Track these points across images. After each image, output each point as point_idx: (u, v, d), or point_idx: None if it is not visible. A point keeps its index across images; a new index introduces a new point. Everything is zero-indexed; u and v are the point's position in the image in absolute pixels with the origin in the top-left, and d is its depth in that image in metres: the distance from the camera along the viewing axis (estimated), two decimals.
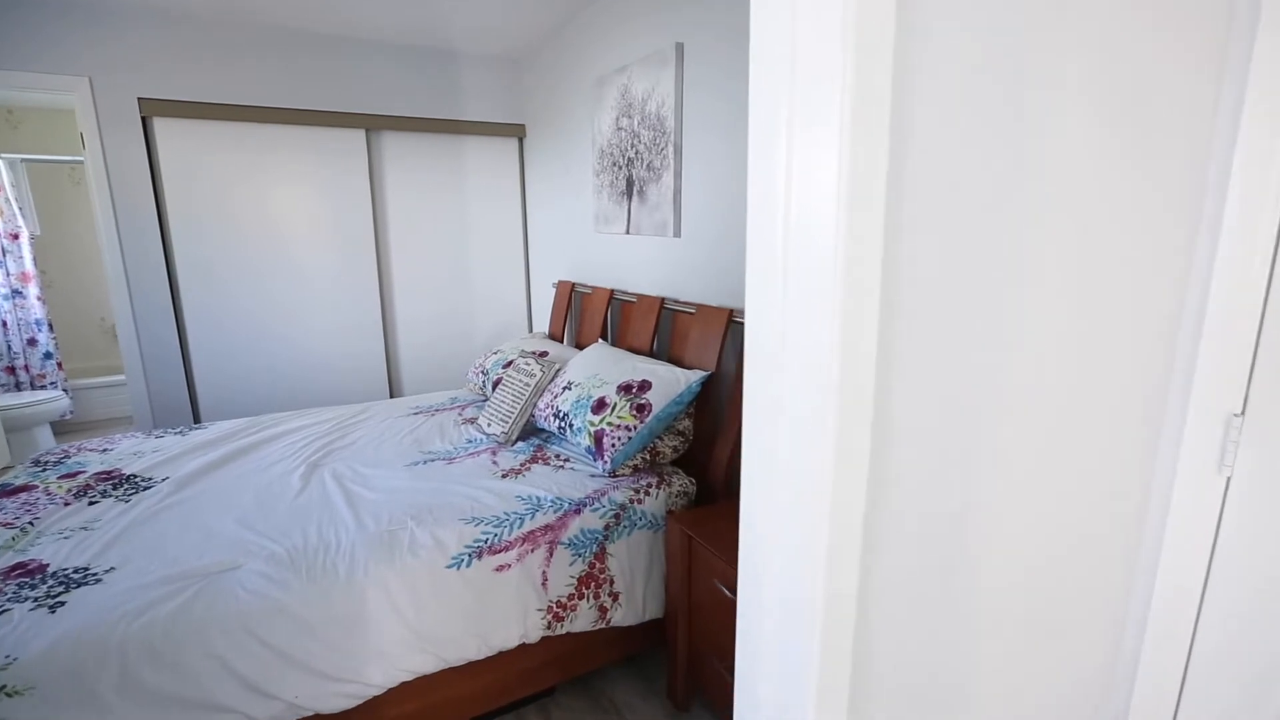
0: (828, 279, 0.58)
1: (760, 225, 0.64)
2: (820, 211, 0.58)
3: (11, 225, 4.00)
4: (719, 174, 2.06)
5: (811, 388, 0.60)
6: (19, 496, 1.84)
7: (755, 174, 0.64)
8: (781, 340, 0.63)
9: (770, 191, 0.63)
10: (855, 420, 0.60)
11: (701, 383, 2.00)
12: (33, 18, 2.49)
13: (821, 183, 0.58)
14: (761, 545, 0.68)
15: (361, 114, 3.08)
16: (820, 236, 0.58)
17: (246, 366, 3.07)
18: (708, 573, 1.63)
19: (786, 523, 0.64)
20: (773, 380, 0.64)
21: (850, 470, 0.61)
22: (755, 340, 0.67)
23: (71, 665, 1.21)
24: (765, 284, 0.64)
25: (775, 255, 0.63)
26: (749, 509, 0.70)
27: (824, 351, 0.59)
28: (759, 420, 0.68)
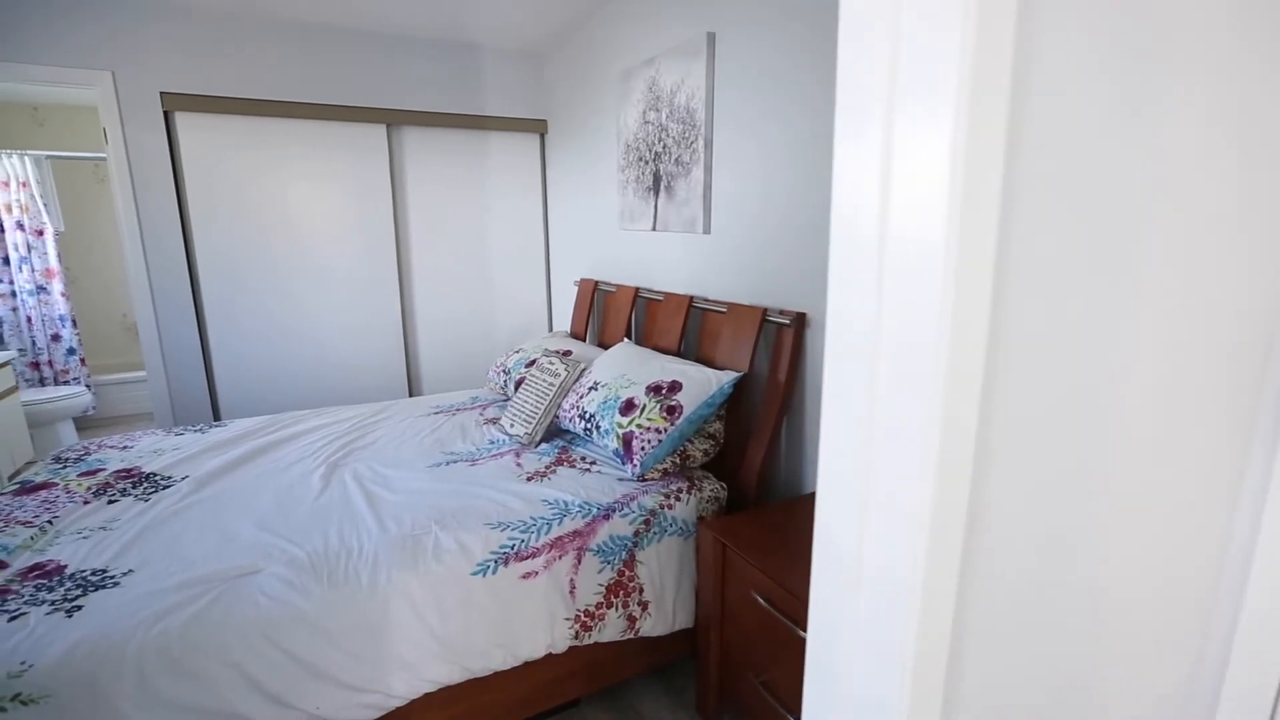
0: (935, 289, 0.51)
1: (849, 226, 0.57)
2: (928, 214, 0.51)
3: (36, 222, 4.03)
4: (752, 168, 1.98)
5: (911, 402, 0.53)
6: (39, 494, 1.81)
7: (843, 169, 0.57)
8: (874, 348, 0.56)
9: (863, 190, 0.55)
10: (958, 441, 0.53)
11: (734, 384, 1.92)
12: (56, 11, 2.47)
13: (930, 181, 0.51)
14: (842, 571, 0.61)
15: (383, 109, 3.04)
16: (928, 243, 0.51)
17: (266, 364, 3.04)
18: (743, 582, 1.55)
19: (878, 549, 0.57)
20: (863, 391, 0.57)
21: (951, 491, 0.53)
22: (841, 345, 0.59)
23: (88, 673, 1.16)
24: (856, 290, 0.57)
25: (868, 260, 0.56)
26: (827, 532, 0.63)
27: (928, 360, 0.52)
28: (841, 432, 0.60)
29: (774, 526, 1.64)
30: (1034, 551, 0.63)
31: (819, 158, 1.75)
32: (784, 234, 1.89)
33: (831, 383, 0.61)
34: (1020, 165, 0.53)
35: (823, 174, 1.74)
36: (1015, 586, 0.62)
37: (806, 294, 1.83)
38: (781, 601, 1.39)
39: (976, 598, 0.59)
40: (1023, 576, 0.63)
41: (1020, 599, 0.63)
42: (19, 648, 1.17)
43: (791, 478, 1.96)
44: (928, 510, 0.53)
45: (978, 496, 0.56)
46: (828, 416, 0.62)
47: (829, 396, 0.62)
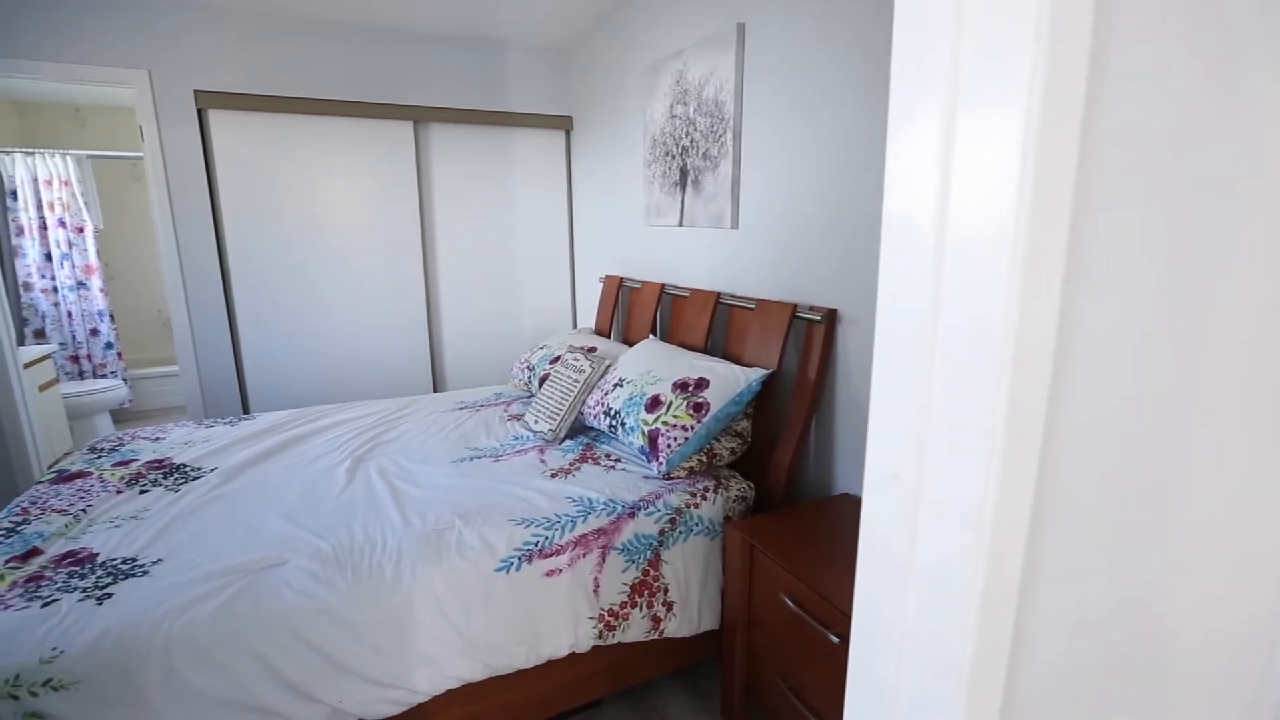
0: (1000, 285, 0.47)
1: (904, 223, 0.53)
2: (995, 206, 0.47)
3: (77, 219, 4.14)
4: (783, 161, 1.94)
5: (971, 400, 0.49)
6: (75, 483, 1.84)
7: (897, 157, 0.53)
8: (930, 344, 0.52)
9: (919, 185, 0.52)
10: (1022, 441, 0.49)
11: (762, 381, 1.88)
12: (96, 11, 2.52)
13: (996, 178, 0.47)
14: (890, 574, 0.57)
15: (410, 106, 3.06)
16: (993, 237, 0.47)
17: (294, 358, 3.08)
18: (771, 584, 1.51)
19: (931, 552, 0.53)
20: (916, 388, 0.53)
21: (1014, 493, 0.49)
22: (892, 341, 0.55)
23: (117, 661, 1.17)
24: (909, 285, 0.53)
25: (924, 253, 0.52)
26: (874, 533, 0.59)
27: (991, 358, 0.48)
28: (890, 429, 0.56)
29: (803, 528, 1.59)
30: (1102, 559, 0.58)
31: (853, 150, 1.69)
32: (815, 228, 1.84)
33: (881, 379, 0.58)
34: (1096, 155, 0.48)
35: (857, 167, 1.69)
36: (1080, 596, 0.58)
37: (838, 289, 1.78)
38: (811, 604, 1.35)
39: (1038, 607, 0.55)
40: (1088, 585, 0.58)
41: (1085, 610, 0.59)
42: (51, 634, 1.18)
43: (821, 478, 1.91)
44: (988, 513, 0.49)
45: (1043, 499, 0.52)
46: (876, 414, 0.58)
47: (878, 393, 0.58)
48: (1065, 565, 0.55)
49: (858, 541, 0.63)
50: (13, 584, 1.33)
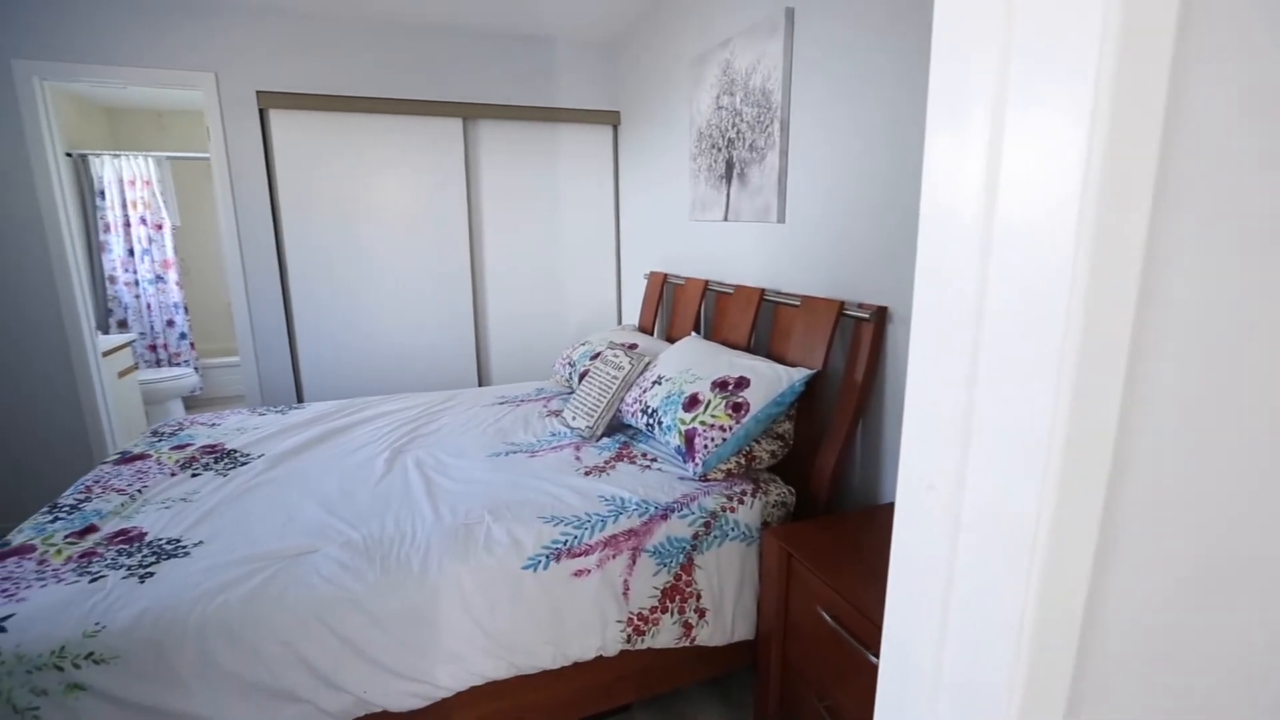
0: (1059, 303, 0.40)
1: (945, 218, 0.47)
2: (1052, 214, 0.40)
3: (156, 217, 4.40)
4: (832, 152, 1.84)
5: (1023, 405, 0.42)
6: (135, 464, 1.93)
7: (935, 155, 0.47)
8: (973, 346, 0.45)
9: (962, 179, 0.45)
10: (1086, 453, 0.41)
11: (806, 382, 1.79)
12: (167, 17, 2.65)
13: (1055, 176, 0.40)
14: (923, 596, 0.50)
15: (459, 103, 3.09)
16: (1049, 249, 0.40)
17: (345, 350, 3.16)
18: (808, 596, 1.43)
19: (972, 575, 0.46)
20: (956, 405, 0.46)
21: (1074, 512, 0.41)
22: (930, 342, 0.48)
23: (154, 639, 1.20)
24: (951, 286, 0.46)
25: (969, 260, 0.45)
26: (904, 550, 0.52)
27: (1047, 361, 0.40)
28: (926, 436, 0.49)
29: (845, 538, 1.50)
30: (1189, 597, 0.49)
31: (906, 139, 1.59)
32: (865, 222, 1.74)
33: (917, 378, 0.51)
34: (1180, 142, 0.40)
35: (910, 157, 1.58)
36: (1163, 643, 0.49)
37: (889, 286, 1.67)
38: (850, 621, 1.26)
39: (1108, 650, 0.46)
40: (1172, 629, 0.49)
41: (1168, 655, 0.50)
42: (95, 609, 1.22)
43: (867, 485, 1.80)
44: (1043, 537, 0.42)
45: (1114, 522, 0.44)
46: (911, 417, 0.51)
47: (913, 394, 0.51)
48: (1142, 602, 0.47)
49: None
50: (68, 558, 1.40)
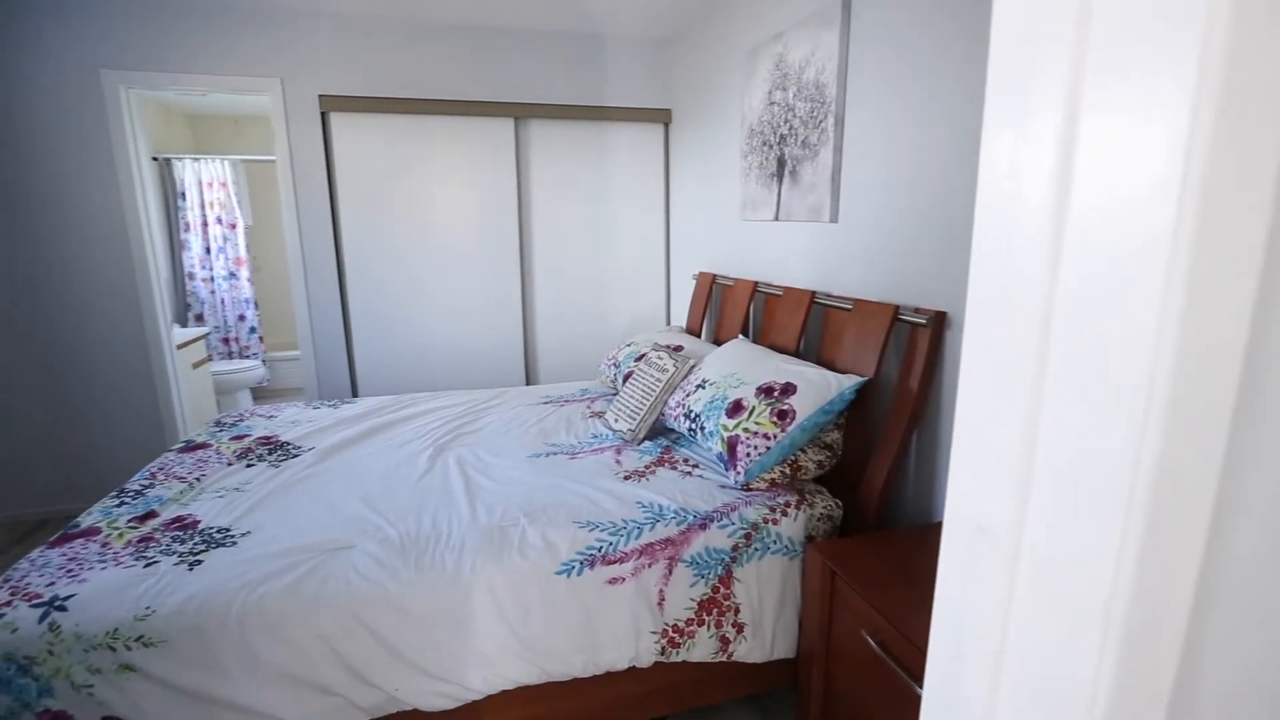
0: (1149, 313, 0.33)
1: (1005, 213, 0.40)
2: (1142, 205, 0.33)
3: (231, 217, 4.63)
4: (889, 147, 1.74)
5: (1100, 468, 0.35)
6: (197, 453, 2.02)
7: (994, 141, 0.40)
8: (1037, 386, 0.38)
9: (1028, 167, 0.38)
10: (1184, 484, 0.34)
11: (856, 390, 1.70)
12: (239, 27, 2.78)
13: (1146, 160, 0.33)
14: (969, 650, 0.44)
15: (510, 103, 3.11)
16: (1138, 246, 0.33)
17: (398, 346, 3.24)
18: (852, 618, 1.35)
19: (1029, 637, 0.39)
20: (1015, 434, 0.40)
21: (1165, 562, 0.35)
22: (984, 351, 0.42)
23: (198, 626, 1.24)
24: (1011, 303, 0.40)
25: (1034, 260, 0.38)
26: (947, 593, 0.46)
27: (1133, 397, 0.34)
28: (978, 483, 0.43)
29: (895, 557, 1.41)
30: None
31: (969, 133, 1.48)
32: (923, 221, 1.64)
33: (969, 400, 0.44)
34: None
35: (973, 152, 1.47)
36: None
37: (947, 290, 1.57)
38: (897, 648, 1.18)
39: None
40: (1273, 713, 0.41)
41: None
42: (147, 594, 1.27)
43: (920, 502, 1.69)
44: (1121, 600, 0.35)
45: (1209, 587, 0.36)
46: (961, 444, 0.45)
47: (964, 418, 0.44)
48: (1247, 686, 0.39)
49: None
50: (128, 542, 1.46)
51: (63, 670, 1.19)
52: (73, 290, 2.79)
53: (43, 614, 1.22)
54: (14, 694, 1.18)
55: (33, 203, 2.69)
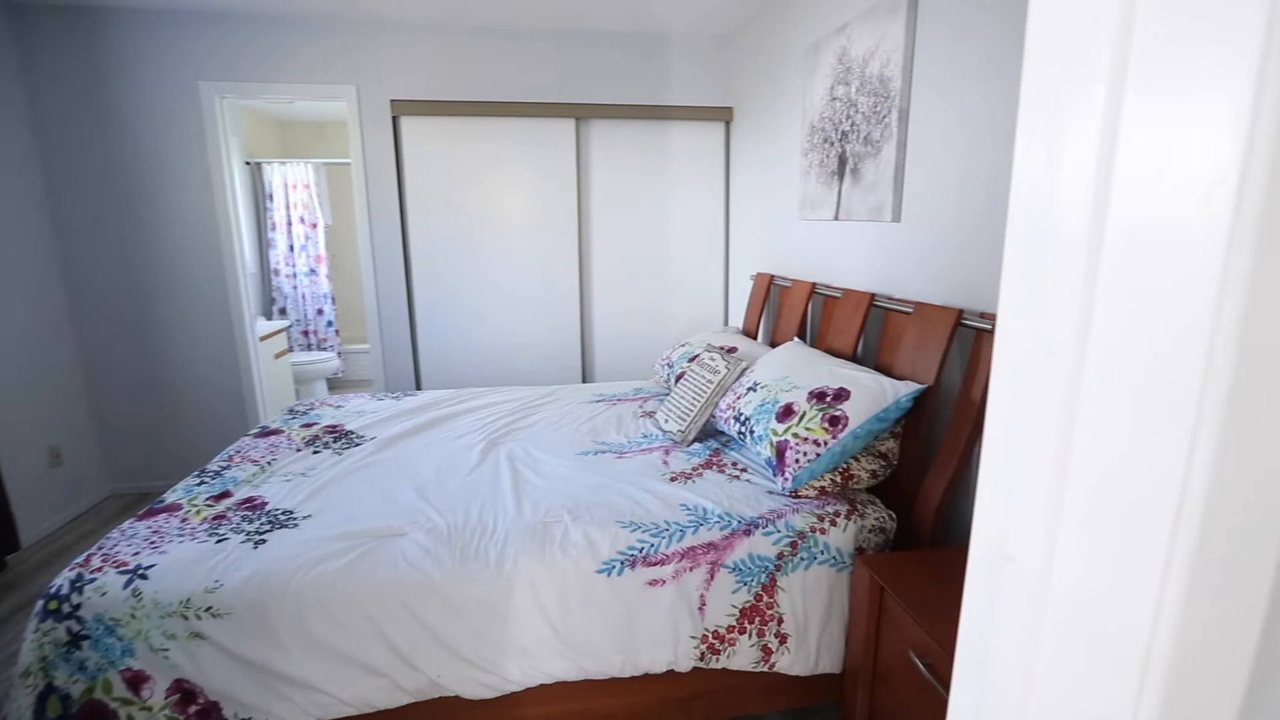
0: (1199, 329, 0.29)
1: (1037, 213, 0.37)
2: (1191, 208, 0.30)
3: (312, 217, 4.91)
4: (958, 142, 1.65)
5: (1138, 497, 0.32)
6: (270, 438, 2.15)
7: (1028, 135, 0.37)
8: (1071, 402, 0.35)
9: (1063, 165, 0.35)
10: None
11: (914, 397, 1.62)
12: (316, 38, 2.94)
13: (1198, 157, 0.29)
14: (992, 702, 0.40)
15: (571, 103, 3.15)
16: (1186, 255, 0.30)
17: (459, 342, 3.34)
18: (900, 637, 1.28)
19: (1052, 709, 0.36)
20: (1046, 455, 0.36)
21: (1219, 614, 0.31)
22: (1011, 385, 0.39)
23: (259, 601, 1.31)
24: (1045, 312, 0.36)
25: (1071, 267, 0.35)
26: (973, 651, 0.42)
27: (1179, 417, 0.30)
28: (1005, 507, 0.39)
29: (949, 576, 1.34)
30: None
31: None
32: (990, 222, 1.54)
33: (996, 418, 0.41)
34: None
35: None
36: None
37: None
38: (946, 672, 1.12)
39: None
40: None
41: None
42: (216, 568, 1.36)
43: None
44: (1163, 648, 0.31)
45: (1276, 636, 0.32)
46: (989, 463, 0.41)
47: (992, 434, 0.41)
48: None
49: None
50: (204, 519, 1.57)
51: (143, 633, 1.29)
52: (170, 284, 3.04)
53: (127, 580, 1.33)
54: (102, 652, 1.29)
55: (137, 202, 2.94)
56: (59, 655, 1.28)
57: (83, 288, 2.97)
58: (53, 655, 1.28)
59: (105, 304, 3.00)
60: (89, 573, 1.35)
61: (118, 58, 2.81)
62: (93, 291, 2.98)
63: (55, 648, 1.28)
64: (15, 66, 2.73)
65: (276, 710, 1.31)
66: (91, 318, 3.00)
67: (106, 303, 3.00)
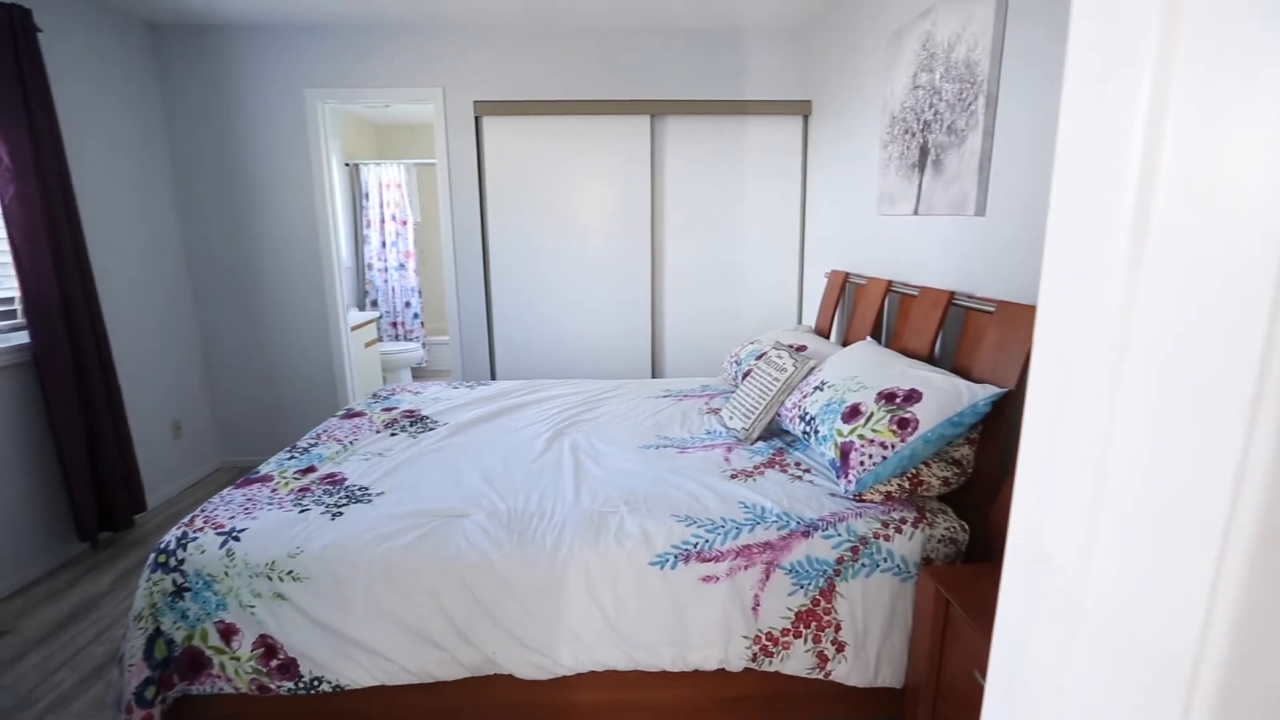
0: (1260, 316, 0.26)
1: (1080, 193, 0.34)
2: (1244, 201, 0.26)
3: (403, 214, 5.20)
4: (1049, 130, 1.52)
5: (1183, 491, 0.29)
6: (354, 420, 2.30)
7: (1072, 132, 0.34)
8: (1112, 388, 0.32)
9: (1107, 143, 0.32)
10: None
11: (993, 402, 1.52)
12: (408, 45, 3.11)
13: (1253, 167, 0.26)
14: None
15: (647, 100, 3.17)
16: (1235, 237, 0.27)
17: (533, 334, 3.44)
18: (965, 654, 1.21)
19: None
20: (1086, 444, 0.33)
21: None
22: (1050, 367, 0.36)
23: (334, 568, 1.41)
24: (1085, 294, 0.33)
25: (1113, 252, 0.32)
26: (1006, 656, 0.39)
27: (1228, 412, 0.27)
28: (1041, 501, 0.36)
29: None
30: None
31: None
32: None
33: (1035, 404, 0.38)
34: None
35: None
36: None
37: None
38: None
39: None
40: None
41: None
42: (298, 535, 1.47)
43: None
44: (1213, 663, 0.28)
45: None
46: (1027, 455, 0.38)
47: (1031, 424, 0.38)
48: None
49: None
50: (290, 490, 1.70)
51: (234, 590, 1.42)
52: (274, 275, 3.30)
53: (223, 541, 1.46)
54: (200, 603, 1.43)
55: (248, 199, 3.22)
56: (165, 603, 1.43)
57: (202, 275, 3.28)
58: (160, 603, 1.43)
59: (220, 290, 3.31)
60: (192, 532, 1.49)
61: (235, 69, 3.09)
62: (210, 279, 3.29)
63: (163, 596, 1.43)
64: (154, 78, 3.06)
65: (346, 672, 1.40)
66: (208, 302, 3.31)
67: (221, 289, 3.31)
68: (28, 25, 2.30)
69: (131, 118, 2.93)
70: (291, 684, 1.41)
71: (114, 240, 2.80)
